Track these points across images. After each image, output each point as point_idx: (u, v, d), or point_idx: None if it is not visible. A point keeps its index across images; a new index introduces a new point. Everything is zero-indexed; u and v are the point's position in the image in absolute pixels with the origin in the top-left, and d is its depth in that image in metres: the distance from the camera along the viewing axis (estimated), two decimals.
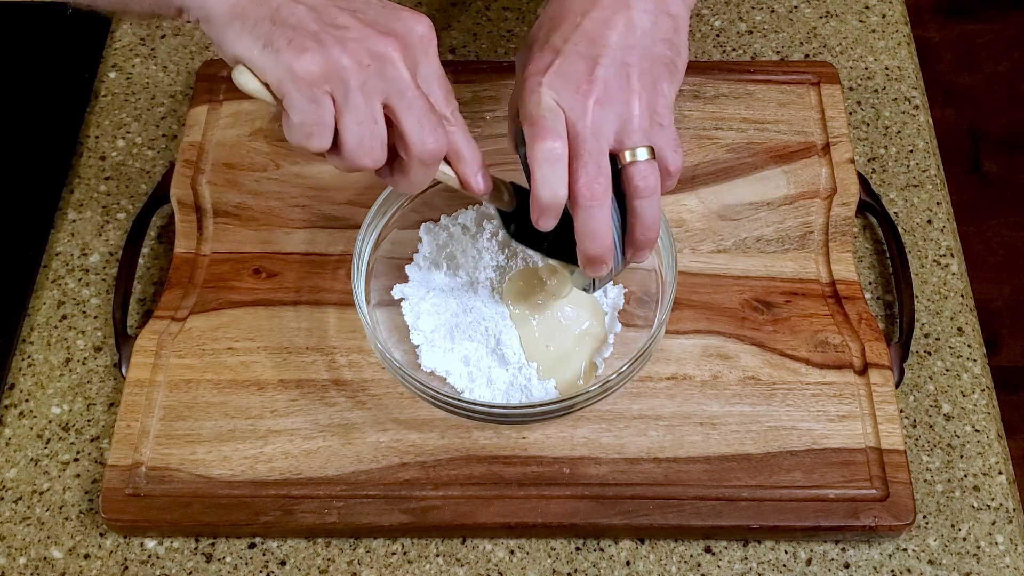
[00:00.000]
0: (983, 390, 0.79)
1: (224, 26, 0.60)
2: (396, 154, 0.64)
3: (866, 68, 0.95)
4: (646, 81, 0.66)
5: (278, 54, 0.59)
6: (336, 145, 0.62)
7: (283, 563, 0.72)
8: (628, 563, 0.72)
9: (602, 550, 0.73)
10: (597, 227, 0.65)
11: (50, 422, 0.77)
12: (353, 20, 0.60)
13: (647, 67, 0.67)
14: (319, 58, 0.58)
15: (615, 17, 0.67)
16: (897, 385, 0.77)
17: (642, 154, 0.65)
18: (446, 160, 0.66)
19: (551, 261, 0.75)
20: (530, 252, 0.78)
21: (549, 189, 0.64)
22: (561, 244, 0.70)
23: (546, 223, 0.66)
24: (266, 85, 0.60)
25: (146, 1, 0.65)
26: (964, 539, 0.73)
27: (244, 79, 0.60)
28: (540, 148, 0.64)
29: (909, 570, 0.72)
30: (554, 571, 0.72)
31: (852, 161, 0.85)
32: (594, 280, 0.72)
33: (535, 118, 0.64)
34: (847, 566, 0.72)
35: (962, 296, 0.83)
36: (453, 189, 0.68)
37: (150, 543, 0.73)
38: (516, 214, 0.71)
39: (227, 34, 0.60)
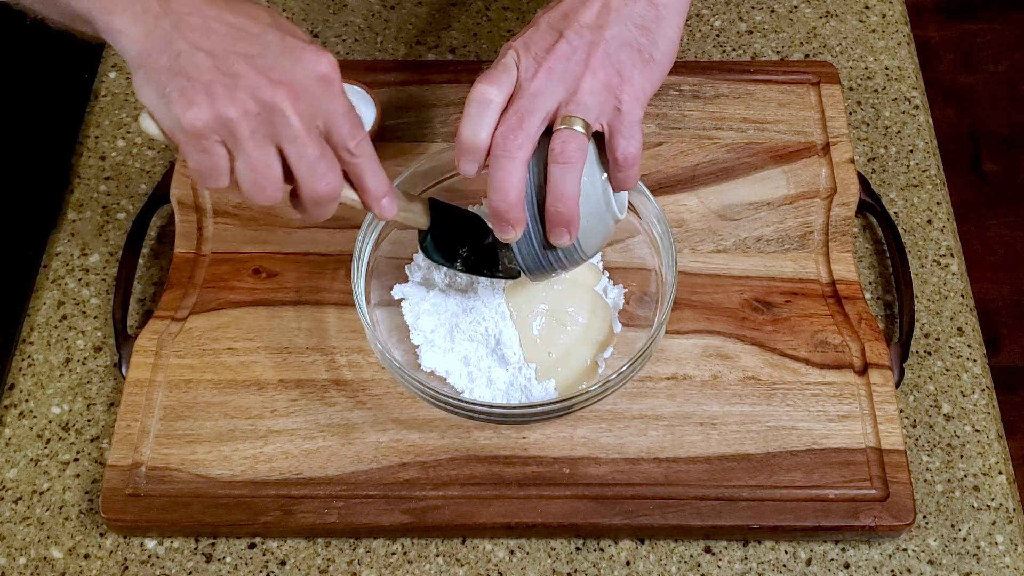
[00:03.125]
0: (983, 390, 0.79)
1: (133, 71, 0.62)
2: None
3: (866, 68, 0.95)
4: (608, 64, 0.67)
5: (170, 106, 0.60)
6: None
7: (283, 563, 0.72)
8: (628, 563, 0.72)
9: (602, 550, 0.73)
10: (503, 179, 0.65)
11: (50, 422, 0.77)
12: (248, 68, 0.60)
13: (613, 49, 0.67)
14: (206, 111, 0.60)
15: None
16: (897, 385, 0.77)
17: (575, 124, 0.66)
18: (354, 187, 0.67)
19: (466, 276, 0.77)
20: (443, 269, 0.78)
21: (471, 129, 0.66)
22: (477, 260, 0.72)
23: (465, 166, 0.66)
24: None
25: (62, 15, 0.66)
26: (964, 539, 0.73)
27: (146, 124, 0.63)
28: (477, 89, 0.66)
29: (909, 570, 0.72)
30: (554, 571, 0.72)
31: (852, 161, 0.85)
32: (511, 265, 0.71)
33: (489, 69, 0.67)
34: (847, 566, 0.72)
35: (962, 296, 0.83)
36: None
37: (150, 543, 0.73)
38: (433, 230, 0.72)
39: (135, 79, 0.62)
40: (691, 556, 0.72)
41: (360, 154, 0.65)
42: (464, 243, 0.73)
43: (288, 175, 0.63)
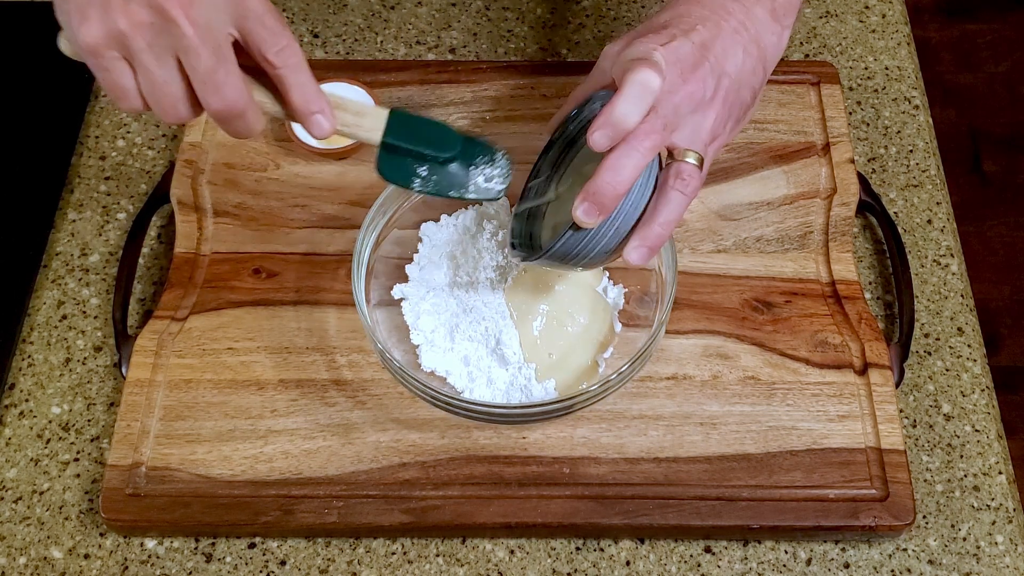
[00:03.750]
0: (983, 390, 0.79)
1: None
2: None
3: (866, 68, 0.95)
4: (725, 108, 0.69)
5: (68, 23, 0.59)
6: None
7: (283, 563, 0.72)
8: (628, 563, 0.72)
9: (602, 550, 0.73)
10: (625, 167, 0.64)
11: (50, 422, 0.77)
12: None
13: (731, 98, 0.69)
14: (97, 25, 0.58)
15: (730, 40, 0.68)
16: (897, 385, 0.77)
17: (693, 158, 0.67)
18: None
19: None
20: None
21: (629, 108, 0.64)
22: (440, 179, 0.67)
23: (601, 139, 0.64)
24: None
25: None
26: (964, 539, 0.73)
27: (62, 45, 0.62)
28: (645, 74, 0.64)
29: (909, 570, 0.72)
30: (554, 571, 0.72)
31: (852, 161, 0.85)
32: (570, 247, 0.68)
33: (647, 60, 0.65)
34: (847, 566, 0.72)
35: (962, 296, 0.83)
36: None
37: (150, 543, 0.73)
38: (387, 144, 0.66)
39: None
40: (691, 556, 0.72)
41: (281, 64, 0.62)
42: (425, 160, 0.67)
43: None
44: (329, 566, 0.72)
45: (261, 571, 0.72)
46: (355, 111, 0.66)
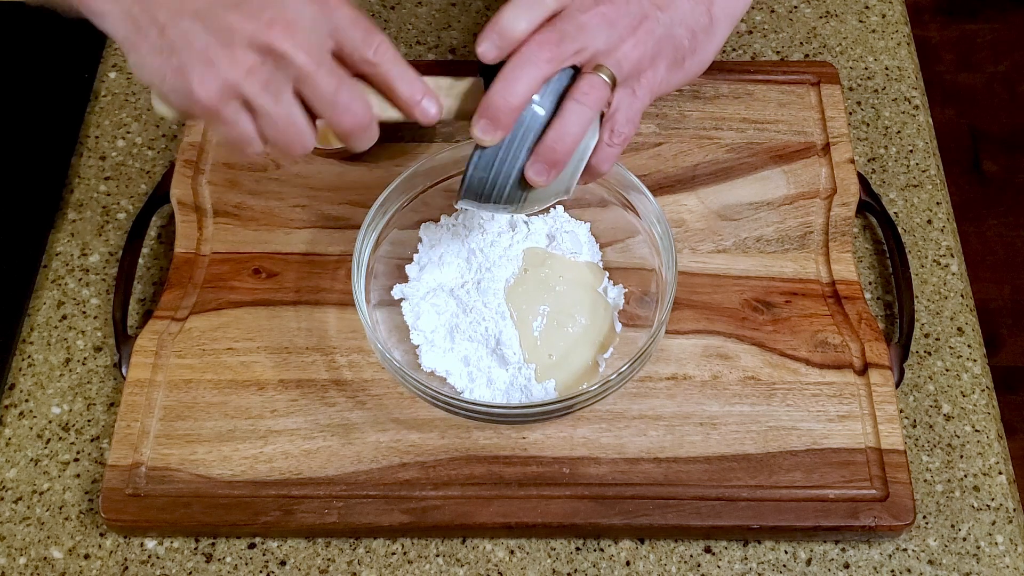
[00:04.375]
0: (983, 390, 0.79)
1: (126, 53, 0.60)
2: None
3: (866, 68, 0.95)
4: (650, 42, 0.66)
5: (174, 87, 0.58)
6: None
7: (283, 563, 0.72)
8: (628, 563, 0.72)
9: (602, 550, 0.73)
10: (517, 79, 0.62)
11: (50, 422, 0.77)
12: (238, 17, 0.57)
13: (660, 34, 0.66)
14: (211, 83, 0.58)
15: None
16: (897, 385, 0.77)
17: (603, 73, 0.64)
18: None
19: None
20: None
21: (513, 15, 0.62)
22: None
23: (486, 45, 0.62)
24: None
25: None
26: (964, 539, 0.73)
27: (158, 107, 0.61)
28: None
29: (909, 570, 0.72)
30: (554, 571, 0.72)
31: (852, 161, 0.85)
32: (479, 178, 0.66)
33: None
34: (847, 566, 0.72)
35: (962, 296, 0.83)
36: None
37: (150, 543, 0.73)
38: None
39: (130, 61, 0.60)
40: (691, 556, 0.72)
41: (380, 60, 0.61)
42: None
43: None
44: (329, 566, 0.72)
45: (261, 571, 0.72)
46: (447, 92, 0.66)
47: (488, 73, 0.65)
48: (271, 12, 0.58)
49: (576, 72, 0.65)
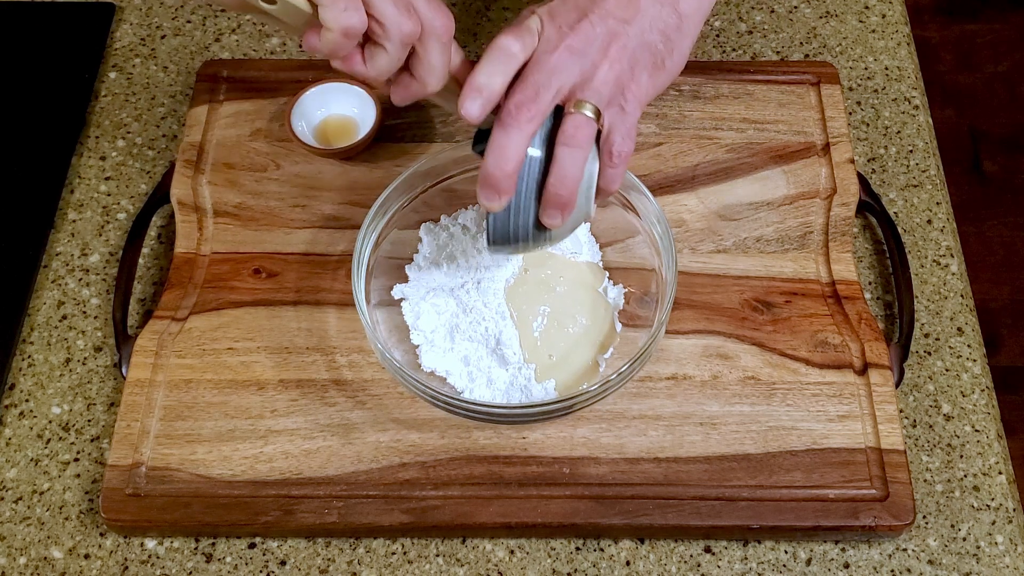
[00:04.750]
0: (983, 390, 0.79)
1: None
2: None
3: (866, 68, 0.95)
4: (624, 58, 0.67)
5: None
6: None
7: (283, 563, 0.72)
8: (628, 563, 0.72)
9: (602, 550, 0.73)
10: (507, 148, 0.64)
11: (50, 422, 0.77)
12: None
13: (632, 47, 0.67)
14: None
15: None
16: (897, 385, 0.77)
17: (586, 109, 0.65)
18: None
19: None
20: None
21: (487, 72, 0.64)
22: None
23: (470, 105, 0.64)
24: None
25: None
26: (964, 539, 0.73)
27: None
28: (501, 40, 0.64)
29: (909, 570, 0.72)
30: (554, 571, 0.72)
31: (852, 161, 0.85)
32: (502, 231, 0.68)
33: (514, 26, 0.65)
34: (847, 566, 0.72)
35: (962, 296, 0.83)
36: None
37: (150, 543, 0.73)
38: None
39: None
40: (691, 556, 0.72)
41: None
42: None
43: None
44: (329, 566, 0.72)
45: (261, 571, 0.72)
46: None
47: (482, 134, 0.67)
48: None
49: (560, 109, 0.66)
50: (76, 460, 0.76)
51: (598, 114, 0.66)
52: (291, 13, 0.63)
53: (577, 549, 0.73)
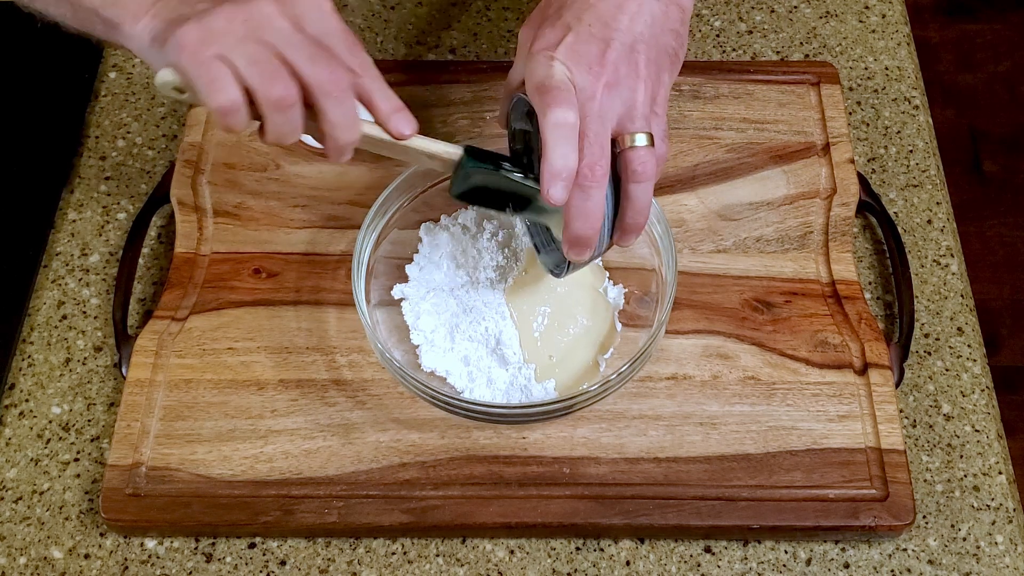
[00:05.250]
0: (983, 390, 0.79)
1: (138, 43, 0.65)
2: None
3: (866, 68, 0.95)
4: (652, 70, 0.67)
5: (164, 41, 0.62)
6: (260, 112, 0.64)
7: (283, 563, 0.72)
8: (628, 563, 0.72)
9: (602, 550, 0.73)
10: (593, 209, 0.65)
11: (50, 422, 0.77)
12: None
13: (653, 56, 0.67)
14: (195, 27, 0.61)
15: (628, 1, 0.67)
16: (897, 385, 0.77)
17: (641, 140, 0.66)
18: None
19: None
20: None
21: (563, 158, 0.64)
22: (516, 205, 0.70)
23: (557, 193, 0.64)
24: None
25: (74, 20, 0.68)
26: (964, 539, 0.73)
27: (158, 78, 0.64)
28: (556, 115, 0.64)
29: (909, 570, 0.72)
30: (554, 571, 0.72)
31: (852, 161, 0.85)
32: (568, 264, 0.71)
33: (548, 88, 0.64)
34: (847, 566, 0.72)
35: (962, 296, 0.83)
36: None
37: (150, 543, 0.73)
38: (471, 173, 0.69)
39: (142, 51, 0.65)
40: (691, 556, 0.72)
41: (365, 73, 0.64)
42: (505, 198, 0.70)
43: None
44: (329, 566, 0.72)
45: (261, 571, 0.72)
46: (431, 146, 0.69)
47: (473, 155, 0.68)
48: None
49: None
50: (76, 460, 0.76)
51: (651, 139, 0.66)
52: (193, 97, 0.64)
53: (577, 549, 0.73)
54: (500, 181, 0.69)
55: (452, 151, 0.69)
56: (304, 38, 0.63)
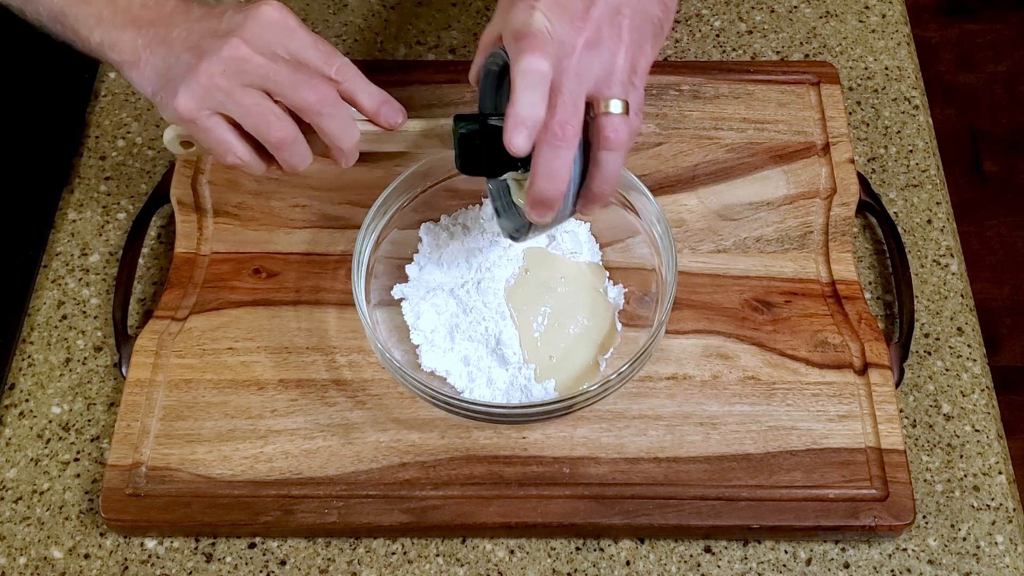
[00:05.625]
0: (983, 390, 0.79)
1: (129, 72, 0.70)
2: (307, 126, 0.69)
3: (866, 68, 0.95)
4: (634, 36, 0.66)
5: (164, 107, 0.68)
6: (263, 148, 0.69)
7: (283, 563, 0.72)
8: (628, 563, 0.72)
9: (602, 550, 0.73)
10: (560, 169, 0.63)
11: (50, 422, 0.77)
12: (209, 39, 0.67)
13: (638, 22, 0.66)
14: (186, 93, 0.66)
15: None
16: (897, 385, 0.77)
17: (616, 107, 0.64)
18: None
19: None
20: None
21: (529, 107, 0.62)
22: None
23: (519, 141, 0.62)
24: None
25: (86, 51, 0.72)
26: (964, 539, 0.73)
27: (166, 138, 0.72)
28: (529, 61, 0.62)
29: (909, 570, 0.72)
30: (554, 571, 0.72)
31: (852, 161, 0.85)
32: (529, 226, 0.69)
33: (525, 34, 0.62)
34: (847, 566, 0.72)
35: (962, 296, 0.83)
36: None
37: (150, 543, 0.73)
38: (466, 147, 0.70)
39: (133, 79, 0.70)
40: (691, 556, 0.72)
41: (344, 77, 0.67)
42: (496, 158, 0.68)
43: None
44: (329, 566, 0.72)
45: (261, 571, 0.72)
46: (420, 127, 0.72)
47: (461, 118, 0.69)
48: (228, 28, 0.67)
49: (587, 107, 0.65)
50: (76, 460, 0.76)
51: (626, 107, 0.65)
52: (201, 149, 0.72)
53: (577, 549, 0.73)
54: (490, 133, 0.68)
55: (444, 121, 0.71)
56: (281, 67, 0.66)
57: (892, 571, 0.72)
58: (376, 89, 0.69)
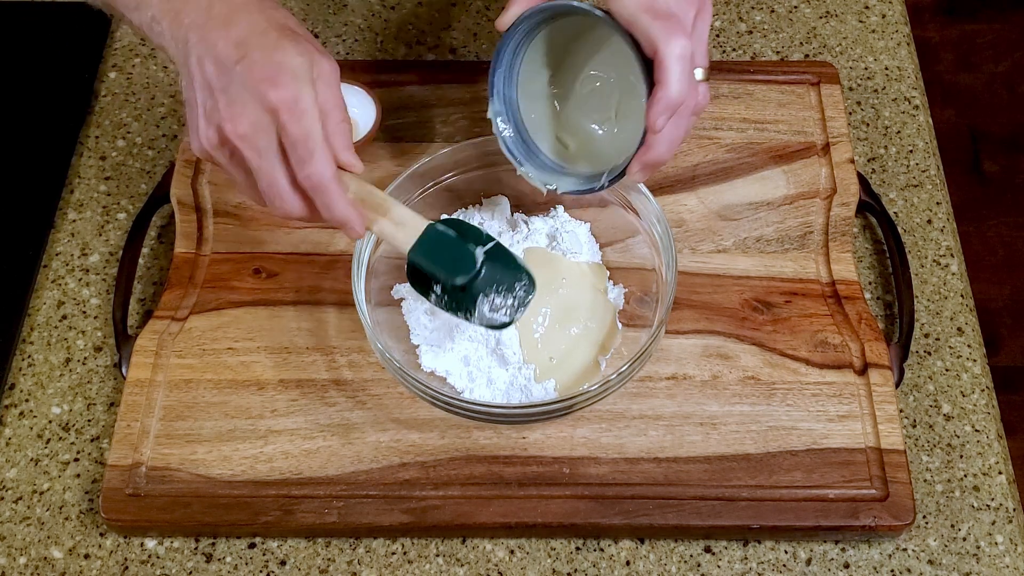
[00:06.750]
0: (983, 390, 0.79)
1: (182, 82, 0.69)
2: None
3: (866, 68, 0.95)
4: (707, 5, 0.68)
5: (191, 128, 0.67)
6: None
7: (283, 563, 0.72)
8: (628, 563, 0.72)
9: (602, 550, 0.73)
10: (678, 136, 0.67)
11: (50, 422, 0.77)
12: (220, 101, 0.65)
13: None
14: (195, 142, 0.67)
15: None
16: (897, 385, 0.77)
17: (700, 74, 0.67)
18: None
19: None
20: None
21: (682, 93, 0.65)
22: (452, 300, 0.69)
23: (663, 123, 0.65)
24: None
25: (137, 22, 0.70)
26: (964, 539, 0.73)
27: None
28: (682, 46, 0.64)
29: (909, 570, 0.72)
30: (554, 571, 0.72)
31: (852, 161, 0.85)
32: (600, 180, 0.73)
33: (664, 13, 0.65)
34: (847, 566, 0.72)
35: (962, 296, 0.83)
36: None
37: (150, 543, 0.73)
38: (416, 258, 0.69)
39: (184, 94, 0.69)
40: (691, 556, 0.72)
41: (309, 187, 0.65)
42: (439, 281, 0.69)
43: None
44: (329, 566, 0.72)
45: (261, 571, 0.72)
46: (396, 220, 0.69)
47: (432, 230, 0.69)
48: (239, 107, 0.64)
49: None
50: (76, 460, 0.76)
51: (707, 73, 0.68)
52: None
53: (577, 549, 0.73)
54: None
55: (405, 248, 0.69)
56: (264, 164, 0.65)
57: (892, 571, 0.72)
58: (335, 202, 0.66)
